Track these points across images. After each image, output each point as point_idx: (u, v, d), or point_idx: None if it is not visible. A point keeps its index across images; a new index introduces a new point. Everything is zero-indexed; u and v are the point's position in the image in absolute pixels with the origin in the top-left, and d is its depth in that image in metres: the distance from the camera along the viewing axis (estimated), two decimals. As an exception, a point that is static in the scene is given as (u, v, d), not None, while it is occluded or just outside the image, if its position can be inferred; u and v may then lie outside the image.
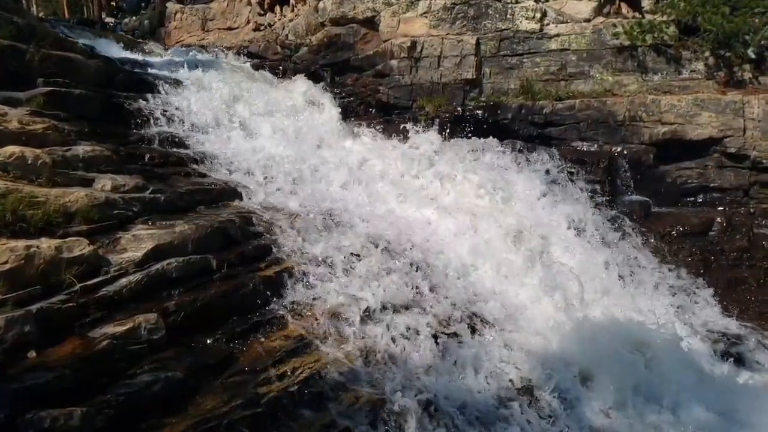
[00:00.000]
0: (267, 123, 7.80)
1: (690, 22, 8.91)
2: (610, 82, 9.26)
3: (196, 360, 3.68)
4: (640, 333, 5.79)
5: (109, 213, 4.32)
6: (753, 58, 8.57)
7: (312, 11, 11.63)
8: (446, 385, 4.52)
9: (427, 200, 7.28)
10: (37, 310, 3.22)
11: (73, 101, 5.81)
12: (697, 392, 5.23)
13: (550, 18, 9.61)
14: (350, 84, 10.42)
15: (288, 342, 4.23)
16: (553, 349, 5.31)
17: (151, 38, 15.26)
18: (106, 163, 5.08)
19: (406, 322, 4.91)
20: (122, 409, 3.06)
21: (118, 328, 3.44)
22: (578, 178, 8.10)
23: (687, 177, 8.64)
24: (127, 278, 3.83)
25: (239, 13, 14.29)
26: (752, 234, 7.83)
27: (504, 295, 5.97)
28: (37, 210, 3.85)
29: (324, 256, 5.27)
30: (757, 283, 7.32)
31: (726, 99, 8.33)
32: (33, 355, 3.08)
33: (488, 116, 9.36)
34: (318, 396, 3.89)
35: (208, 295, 4.14)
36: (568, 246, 6.89)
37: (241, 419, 3.37)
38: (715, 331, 6.35)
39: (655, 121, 8.65)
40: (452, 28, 9.85)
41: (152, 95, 7.07)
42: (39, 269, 3.43)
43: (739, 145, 8.21)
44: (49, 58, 6.08)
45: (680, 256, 7.55)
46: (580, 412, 4.77)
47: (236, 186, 6.00)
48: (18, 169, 4.21)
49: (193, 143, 6.62)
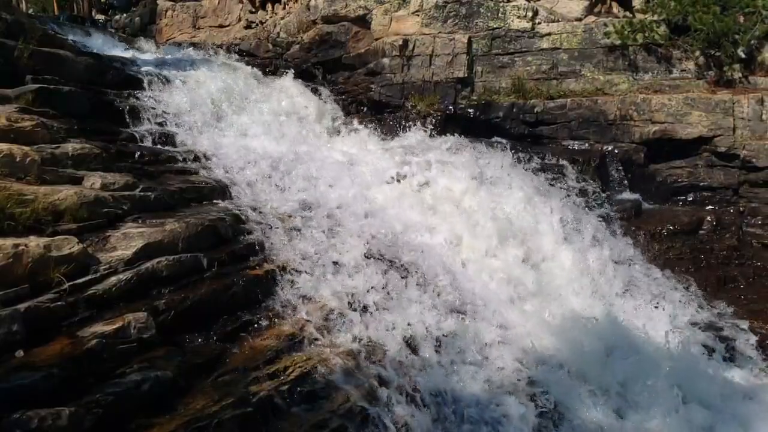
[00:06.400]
0: (257, 121, 7.77)
1: (680, 21, 8.95)
2: (601, 81, 9.30)
3: (185, 359, 3.66)
4: (631, 331, 5.81)
5: (99, 211, 4.29)
6: (743, 57, 8.62)
7: (304, 9, 11.60)
8: (439, 383, 4.52)
9: (415, 199, 7.25)
10: (25, 309, 3.19)
11: (63, 98, 5.77)
12: (689, 389, 5.26)
13: (542, 17, 9.63)
14: (342, 82, 10.42)
15: (279, 341, 4.21)
16: (545, 348, 5.32)
17: (142, 35, 15.17)
18: (95, 161, 5.05)
19: (398, 319, 4.90)
20: (111, 409, 3.03)
21: (107, 327, 3.42)
22: (569, 177, 8.11)
23: (677, 176, 8.69)
24: (117, 277, 3.81)
25: (230, 11, 14.24)
26: (741, 232, 7.89)
27: (494, 294, 5.97)
28: (26, 208, 3.82)
29: (314, 254, 5.25)
30: (747, 282, 7.36)
31: (716, 98, 8.38)
32: (20, 355, 3.05)
33: (480, 115, 9.39)
34: (309, 395, 3.88)
35: (198, 293, 4.12)
36: (559, 244, 6.90)
37: (231, 419, 3.34)
38: (705, 329, 6.38)
39: (646, 120, 8.70)
40: (444, 27, 9.85)
41: (143, 93, 7.03)
42: (27, 268, 3.40)
43: (728, 144, 8.26)
44: (38, 55, 6.04)
45: (670, 254, 7.59)
46: (572, 411, 4.78)
47: (227, 184, 5.98)
48: (6, 167, 4.16)
49: (184, 141, 6.59)
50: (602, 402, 4.96)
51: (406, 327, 4.87)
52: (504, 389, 4.73)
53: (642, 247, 7.52)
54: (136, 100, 6.81)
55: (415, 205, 7.02)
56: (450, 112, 9.44)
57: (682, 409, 5.06)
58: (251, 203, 5.78)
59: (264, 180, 6.42)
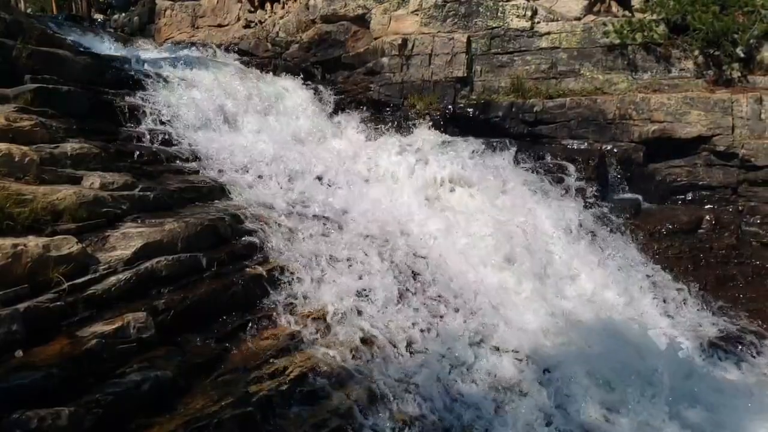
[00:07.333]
0: (256, 121, 7.77)
1: (679, 20, 8.94)
2: (600, 81, 9.29)
3: (185, 359, 3.66)
4: (630, 331, 5.81)
5: (98, 211, 4.29)
6: (742, 56, 8.61)
7: (303, 8, 11.59)
8: (439, 382, 4.52)
9: (418, 199, 7.26)
10: (25, 309, 3.19)
11: (61, 98, 5.75)
12: (687, 388, 5.26)
13: (541, 16, 9.62)
14: (341, 82, 10.41)
15: (278, 341, 4.21)
16: (546, 347, 5.32)
17: (141, 35, 15.19)
18: (94, 161, 5.05)
19: (398, 319, 4.90)
20: (111, 409, 3.03)
21: (106, 327, 3.42)
22: (568, 176, 8.11)
23: (676, 175, 8.68)
24: (116, 277, 3.81)
25: (229, 10, 14.22)
26: (740, 232, 7.89)
27: (494, 293, 5.96)
28: (25, 208, 3.82)
29: (314, 254, 5.25)
30: (746, 281, 7.37)
31: (715, 97, 8.38)
32: (20, 355, 3.05)
33: (479, 114, 9.38)
34: (309, 394, 3.88)
35: (197, 293, 4.12)
36: (558, 244, 6.90)
37: (231, 419, 3.35)
38: (704, 328, 6.38)
39: (645, 120, 8.69)
40: (443, 26, 9.85)
41: (142, 92, 7.02)
42: (26, 268, 3.40)
43: (727, 144, 8.25)
44: (36, 55, 6.03)
45: (669, 253, 7.59)
46: (573, 410, 4.78)
47: (226, 183, 5.98)
48: (5, 167, 4.16)
49: (183, 141, 6.58)
50: (598, 399, 4.96)
51: (407, 326, 4.87)
52: (504, 387, 4.73)
53: (641, 246, 7.52)
54: (135, 99, 6.80)
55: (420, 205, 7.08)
56: (449, 111, 9.44)
57: (679, 407, 5.06)
58: (251, 203, 5.78)
59: (263, 179, 6.41)
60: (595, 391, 4.98)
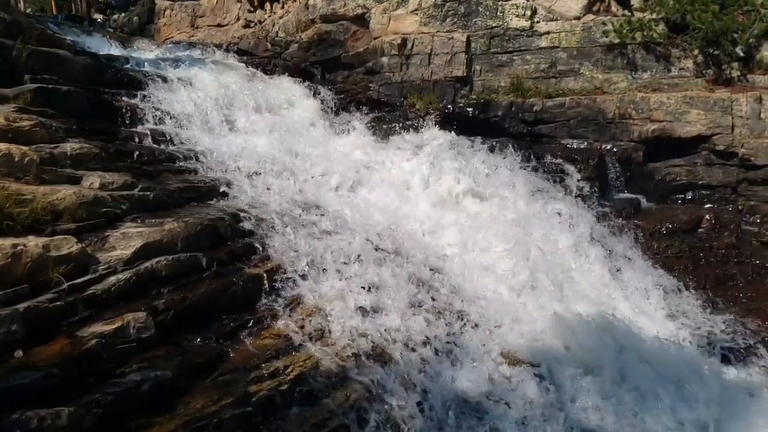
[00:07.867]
0: (256, 121, 7.76)
1: (679, 20, 8.96)
2: (599, 80, 9.30)
3: (185, 359, 3.65)
4: (631, 330, 5.81)
5: (98, 211, 4.28)
6: (741, 56, 8.62)
7: (302, 8, 11.61)
8: (439, 381, 4.51)
9: (419, 199, 7.27)
10: (25, 309, 3.18)
11: (61, 98, 5.74)
12: (687, 387, 5.26)
13: (540, 16, 9.63)
14: (341, 81, 10.43)
15: (278, 340, 4.21)
16: (546, 346, 5.32)
17: (140, 35, 15.19)
18: (94, 161, 5.03)
19: (398, 319, 4.90)
20: (111, 409, 3.02)
21: (106, 327, 3.41)
22: (568, 175, 8.11)
23: (676, 174, 8.69)
24: (116, 277, 3.80)
25: (229, 10, 14.23)
26: (740, 231, 7.91)
27: (495, 293, 5.97)
28: (24, 208, 3.81)
29: (314, 254, 5.24)
30: (746, 280, 7.37)
31: (714, 97, 8.39)
32: (20, 355, 3.04)
33: (479, 114, 9.39)
34: (309, 394, 3.88)
35: (197, 293, 4.11)
36: (558, 243, 6.91)
37: (231, 418, 3.34)
38: (704, 328, 6.39)
39: (645, 119, 8.70)
40: (443, 26, 9.85)
41: (141, 92, 7.02)
42: (26, 268, 3.39)
43: (727, 143, 8.26)
44: (36, 55, 6.03)
45: (669, 252, 7.59)
46: (573, 409, 4.78)
47: (226, 183, 5.97)
48: (5, 167, 4.16)
49: (183, 140, 6.57)
50: (600, 399, 4.96)
51: (407, 326, 4.87)
52: (504, 388, 4.74)
53: (641, 245, 7.52)
54: (135, 99, 6.79)
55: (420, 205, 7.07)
56: (449, 111, 9.44)
57: (680, 407, 5.06)
58: (251, 203, 5.77)
59: (263, 179, 6.41)
60: (595, 389, 4.98)
